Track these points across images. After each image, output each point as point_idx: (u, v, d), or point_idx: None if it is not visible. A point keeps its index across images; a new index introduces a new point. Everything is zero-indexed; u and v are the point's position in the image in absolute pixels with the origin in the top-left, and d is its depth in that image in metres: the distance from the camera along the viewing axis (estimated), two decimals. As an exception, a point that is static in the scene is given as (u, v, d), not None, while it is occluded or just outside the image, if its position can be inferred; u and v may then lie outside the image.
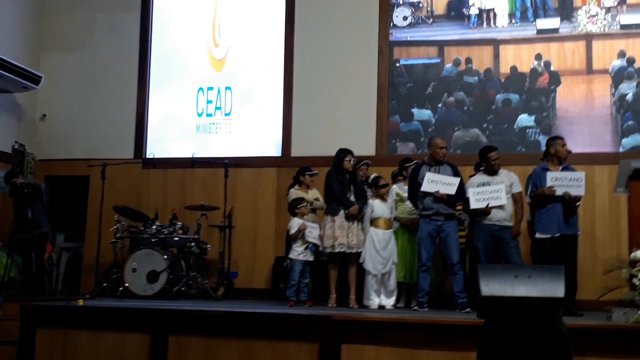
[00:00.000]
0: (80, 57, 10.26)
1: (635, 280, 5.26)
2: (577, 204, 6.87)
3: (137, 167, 9.78)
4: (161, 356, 5.58)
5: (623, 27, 8.75)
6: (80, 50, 10.27)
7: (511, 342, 1.56)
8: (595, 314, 6.21)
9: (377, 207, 7.28)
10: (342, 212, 7.22)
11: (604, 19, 8.81)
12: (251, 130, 9.72)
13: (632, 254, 5.41)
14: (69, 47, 10.32)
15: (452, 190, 6.95)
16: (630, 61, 8.66)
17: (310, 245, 7.30)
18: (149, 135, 10.00)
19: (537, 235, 6.79)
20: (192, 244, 8.30)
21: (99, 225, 8.56)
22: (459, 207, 7.33)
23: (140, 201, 9.56)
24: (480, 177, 7.20)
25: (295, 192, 7.87)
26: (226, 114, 9.84)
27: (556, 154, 6.87)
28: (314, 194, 7.98)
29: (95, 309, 6.15)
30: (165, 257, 7.97)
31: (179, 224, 8.51)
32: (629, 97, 8.63)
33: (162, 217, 8.76)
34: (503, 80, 9.02)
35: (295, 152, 9.44)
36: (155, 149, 9.82)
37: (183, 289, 7.98)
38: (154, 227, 8.38)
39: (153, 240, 8.30)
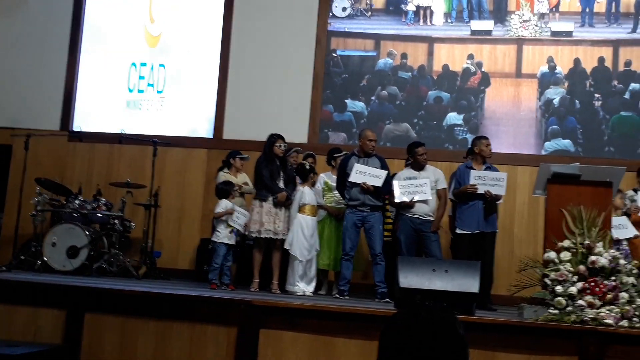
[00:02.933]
0: (11, 22, 9.91)
1: (547, 280, 5.46)
2: (498, 202, 7.09)
3: (63, 139, 9.53)
4: (76, 333, 5.50)
5: (553, 33, 9.03)
6: (10, 16, 9.91)
7: (409, 348, 1.61)
8: (508, 309, 6.43)
9: (307, 193, 7.33)
10: (270, 198, 7.24)
11: (536, 25, 9.06)
12: (183, 109, 9.61)
13: (545, 254, 5.62)
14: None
15: (379, 183, 7.06)
16: (558, 68, 8.95)
17: (235, 229, 7.30)
18: (77, 107, 9.76)
19: (457, 231, 6.99)
20: (116, 221, 8.16)
21: (19, 197, 8.32)
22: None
23: (64, 175, 9.33)
24: (407, 172, 7.34)
25: (224, 175, 7.85)
26: (158, 92, 9.70)
27: (480, 153, 7.07)
28: (243, 178, 7.98)
29: (11, 282, 6.01)
30: (87, 232, 7.82)
31: (103, 200, 8.35)
32: (555, 102, 8.92)
33: (86, 193, 8.57)
34: (435, 77, 9.19)
35: (227, 134, 9.38)
36: (82, 122, 9.59)
37: (104, 266, 7.85)
38: (77, 202, 8.21)
39: (75, 215, 8.12)
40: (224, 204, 7.33)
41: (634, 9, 8.92)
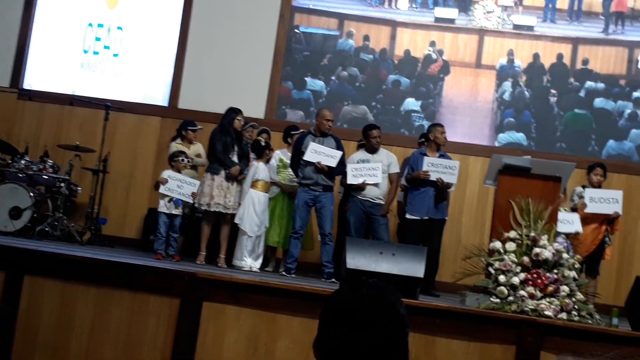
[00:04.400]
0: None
1: (491, 269, 5.53)
2: (449, 190, 7.15)
3: (12, 97, 9.24)
4: (14, 296, 5.37)
5: (515, 27, 9.10)
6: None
7: (349, 323, 1.59)
8: (451, 296, 6.51)
9: (261, 169, 7.28)
10: (222, 172, 7.16)
11: (499, 17, 9.12)
12: (139, 75, 9.40)
13: (491, 244, 5.69)
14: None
15: (333, 163, 7.04)
16: (517, 61, 9.03)
17: (175, 199, 7.20)
18: (29, 65, 9.47)
19: (407, 216, 7.04)
20: (62, 185, 7.97)
21: (-38, 153, 8.06)
22: None
23: (11, 133, 9.05)
24: (361, 154, 7.34)
25: (176, 146, 7.74)
26: (114, 55, 9.46)
27: (435, 140, 7.11)
28: (196, 149, 7.87)
29: (-53, 240, 5.83)
30: (32, 194, 7.62)
31: (50, 162, 8.13)
32: (510, 94, 9.01)
33: (33, 153, 8.35)
34: (396, 62, 9.18)
35: (183, 104, 9.23)
36: (33, 80, 9.32)
37: (47, 229, 7.67)
38: (23, 162, 7.98)
39: (20, 175, 7.90)
40: (164, 174, 7.24)
41: (595, 8, 9.03)
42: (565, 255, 5.49)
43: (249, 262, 7.12)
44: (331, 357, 1.60)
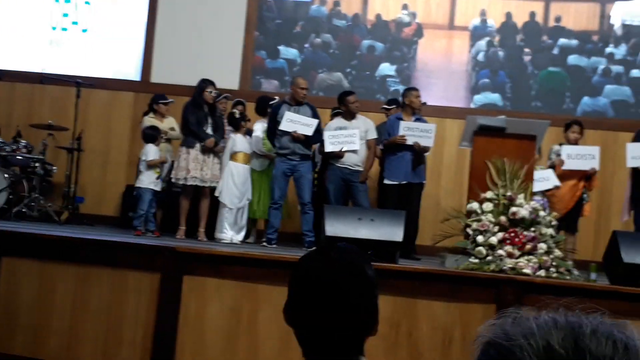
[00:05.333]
0: None
1: (469, 230, 5.57)
2: (426, 154, 7.16)
3: (-19, 78, 9.08)
4: (-8, 278, 5.33)
5: (486, -14, 9.04)
6: None
7: (317, 286, 1.59)
8: (431, 259, 6.55)
9: (239, 141, 7.24)
10: (197, 145, 7.11)
11: (470, -23, 9.05)
12: (109, 50, 9.25)
13: (469, 205, 5.73)
14: None
15: (309, 131, 7.01)
16: (490, 21, 8.99)
17: (162, 175, 7.17)
18: (-4, 43, 9.30)
19: (385, 181, 7.05)
20: (37, 165, 7.88)
21: None
22: None
23: (-18, 115, 8.93)
24: (338, 121, 7.31)
25: (149, 120, 7.66)
26: (83, 30, 9.29)
27: (410, 105, 7.10)
28: (169, 123, 7.80)
29: None
30: (6, 175, 7.53)
31: (23, 142, 8.03)
32: (485, 55, 8.99)
33: (5, 134, 8.23)
34: (369, 27, 9.11)
35: (156, 78, 9.12)
36: (1, 60, 9.14)
37: (24, 210, 7.60)
38: (-4, 143, 7.88)
39: (-7, 157, 7.80)
40: (152, 150, 7.17)
41: (566, -35, 9.00)
42: (542, 213, 5.54)
43: (230, 234, 7.12)
44: (301, 321, 1.60)
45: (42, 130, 8.19)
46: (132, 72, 9.21)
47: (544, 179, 6.69)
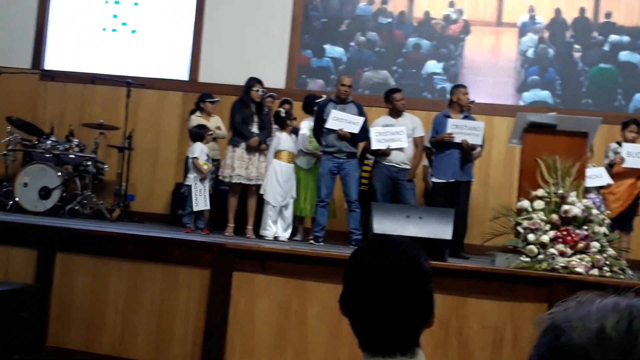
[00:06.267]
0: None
1: (519, 228, 5.50)
2: (474, 152, 7.09)
3: (35, 78, 9.32)
4: (47, 273, 5.47)
5: (535, -17, 8.92)
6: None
7: (372, 278, 1.60)
8: (481, 258, 6.49)
9: (284, 140, 7.28)
10: (243, 144, 7.16)
11: (518, -27, 8.93)
12: (158, 50, 9.40)
13: (519, 203, 5.65)
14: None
15: (356, 129, 7.01)
16: (538, 17, 8.86)
17: (210, 172, 7.25)
18: (49, 45, 9.51)
19: (433, 179, 7.00)
20: (89, 163, 8.04)
21: (-11, 136, 8.16)
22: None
23: (36, 114, 9.14)
24: (385, 119, 7.29)
25: (196, 119, 7.75)
26: (132, 31, 9.46)
27: (458, 102, 7.03)
28: (215, 122, 7.88)
29: (-21, 222, 5.92)
30: (60, 173, 7.70)
31: (76, 141, 8.20)
32: (534, 52, 8.87)
33: (58, 133, 8.42)
34: (415, 24, 9.06)
35: (203, 77, 9.23)
36: (54, 61, 9.36)
37: (77, 208, 7.76)
38: (49, 142, 8.05)
39: (47, 155, 7.98)
40: (198, 147, 7.25)
41: (617, -40, 8.81)
42: (594, 211, 5.44)
43: (274, 230, 7.17)
44: (357, 312, 1.61)
45: (94, 129, 8.36)
46: (180, 71, 9.33)
47: (596, 176, 6.57)
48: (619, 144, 7.14)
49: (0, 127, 8.20)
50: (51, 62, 9.37)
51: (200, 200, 7.10)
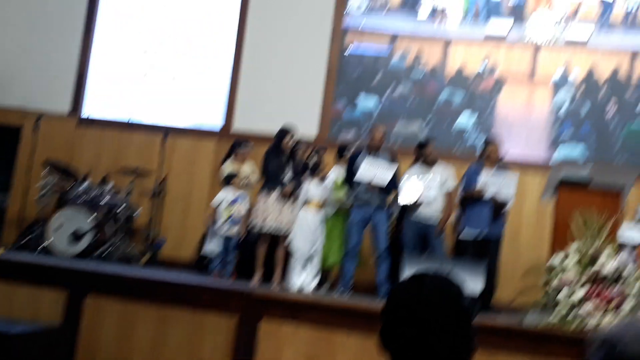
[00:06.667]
0: (26, 0, 9.92)
1: (550, 285, 5.40)
2: (506, 207, 7.03)
3: (73, 123, 9.54)
4: (76, 316, 5.51)
5: (569, 40, 8.95)
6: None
7: (412, 313, 1.59)
8: (511, 314, 6.37)
9: (312, 189, 7.30)
10: (275, 192, 7.19)
11: (553, 30, 8.98)
12: (194, 98, 9.58)
13: (550, 260, 5.56)
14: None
15: (388, 176, 6.99)
16: (573, 74, 8.87)
17: (231, 218, 7.27)
18: (88, 91, 9.76)
19: (464, 232, 6.93)
20: (121, 208, 8.15)
21: (27, 179, 8.31)
22: None
23: (72, 159, 9.32)
24: (417, 169, 7.29)
25: (229, 165, 7.82)
26: (170, 79, 9.67)
27: (490, 156, 7.01)
28: (249, 167, 7.94)
29: (14, 262, 6.01)
30: (92, 218, 7.80)
31: (110, 185, 8.33)
32: (566, 108, 8.85)
33: (93, 178, 8.56)
34: (448, 78, 9.13)
35: (237, 126, 9.36)
36: (93, 106, 9.58)
37: (107, 252, 7.84)
38: (84, 186, 8.20)
39: (80, 199, 8.11)
40: (220, 195, 7.34)
41: (652, 19, 8.83)
42: (627, 270, 5.32)
43: (300, 281, 7.12)
44: (396, 346, 1.60)
45: (128, 175, 8.48)
46: (215, 120, 9.48)
47: (632, 234, 6.47)
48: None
49: (38, 171, 8.36)
50: (90, 107, 9.58)
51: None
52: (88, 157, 9.38)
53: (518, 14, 9.09)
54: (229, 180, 7.42)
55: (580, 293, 5.21)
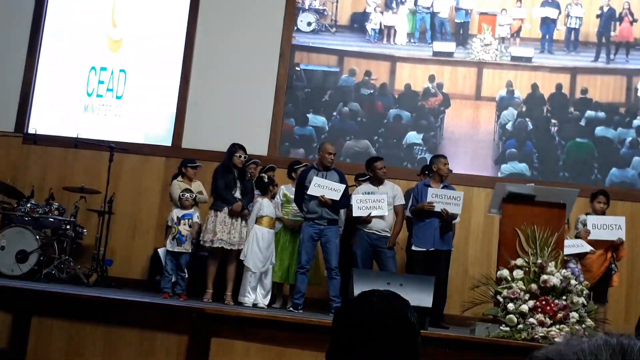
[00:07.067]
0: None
1: (499, 297, 5.51)
2: (454, 221, 7.15)
3: (17, 141, 9.35)
4: (22, 337, 5.37)
5: (513, 58, 9.20)
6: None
7: (360, 331, 1.61)
8: (461, 328, 6.46)
9: (266, 205, 7.31)
10: (225, 209, 7.18)
11: (497, 49, 9.22)
12: (142, 116, 9.50)
13: (499, 272, 5.68)
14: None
15: (337, 196, 7.07)
16: (516, 92, 9.11)
17: (178, 236, 7.22)
18: (33, 109, 9.58)
19: (413, 248, 7.03)
20: (68, 227, 7.99)
21: (-32, 198, 8.10)
22: None
23: (17, 177, 9.10)
24: (366, 186, 7.37)
25: (177, 184, 7.78)
26: (117, 97, 9.57)
27: (438, 172, 7.14)
28: (197, 187, 7.91)
29: (-46, 284, 5.84)
30: (38, 237, 7.64)
31: (56, 204, 8.17)
32: (511, 125, 9.07)
33: (39, 196, 8.39)
34: (397, 96, 9.27)
35: (186, 143, 9.30)
36: (38, 124, 9.41)
37: (53, 272, 7.67)
38: (29, 205, 8.02)
39: (26, 218, 7.94)
40: (174, 213, 7.30)
41: (592, 38, 9.14)
42: (573, 282, 5.48)
43: (252, 297, 7.12)
44: None
45: (75, 193, 8.34)
46: (163, 137, 9.40)
47: (576, 246, 6.65)
48: (588, 215, 7.26)
49: (-20, 189, 8.15)
50: (35, 125, 9.41)
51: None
52: (34, 175, 9.18)
53: (463, 32, 9.30)
54: (178, 197, 7.37)
55: (528, 304, 5.34)
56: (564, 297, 5.36)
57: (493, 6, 9.30)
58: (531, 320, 5.24)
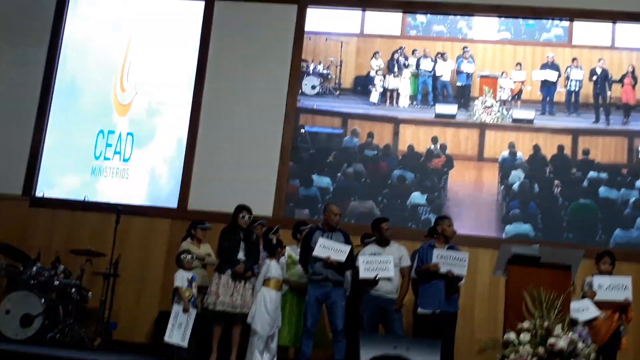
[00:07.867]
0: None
1: (506, 361, 5.46)
2: (460, 283, 7.13)
3: (25, 204, 9.44)
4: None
5: (515, 120, 9.33)
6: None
7: None
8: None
9: (273, 267, 7.30)
10: (229, 271, 7.19)
11: (498, 111, 9.37)
12: (149, 178, 9.60)
13: (505, 335, 5.64)
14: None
15: (342, 257, 7.07)
16: (519, 153, 9.20)
17: (193, 300, 7.19)
18: (41, 172, 9.70)
19: (419, 310, 6.99)
20: (73, 290, 8.00)
21: (-26, 261, 8.12)
22: None
23: (24, 240, 9.13)
24: (372, 248, 7.38)
25: (186, 245, 7.80)
26: (125, 160, 9.69)
27: (443, 233, 7.16)
28: (206, 249, 7.93)
29: (-41, 349, 5.82)
30: (43, 301, 7.66)
31: (62, 267, 8.20)
32: (515, 186, 9.14)
33: (45, 259, 8.42)
34: (400, 157, 9.37)
35: (192, 205, 9.36)
36: (46, 187, 9.51)
37: (58, 336, 7.65)
38: (35, 268, 8.05)
39: (32, 282, 7.96)
40: (179, 275, 7.26)
41: (592, 100, 9.29)
42: (580, 345, 5.43)
43: (261, 361, 7.05)
44: None
45: (81, 255, 8.36)
46: (169, 199, 9.47)
47: (584, 308, 6.60)
48: (594, 275, 7.22)
49: (-14, 252, 8.19)
50: (42, 188, 9.50)
51: (176, 333, 7.01)
52: (40, 238, 9.22)
53: (465, 95, 9.45)
54: (177, 259, 7.37)
55: (536, 368, 5.28)
56: (572, 360, 5.30)
57: (494, 69, 9.49)
58: (539, 384, 5.18)
